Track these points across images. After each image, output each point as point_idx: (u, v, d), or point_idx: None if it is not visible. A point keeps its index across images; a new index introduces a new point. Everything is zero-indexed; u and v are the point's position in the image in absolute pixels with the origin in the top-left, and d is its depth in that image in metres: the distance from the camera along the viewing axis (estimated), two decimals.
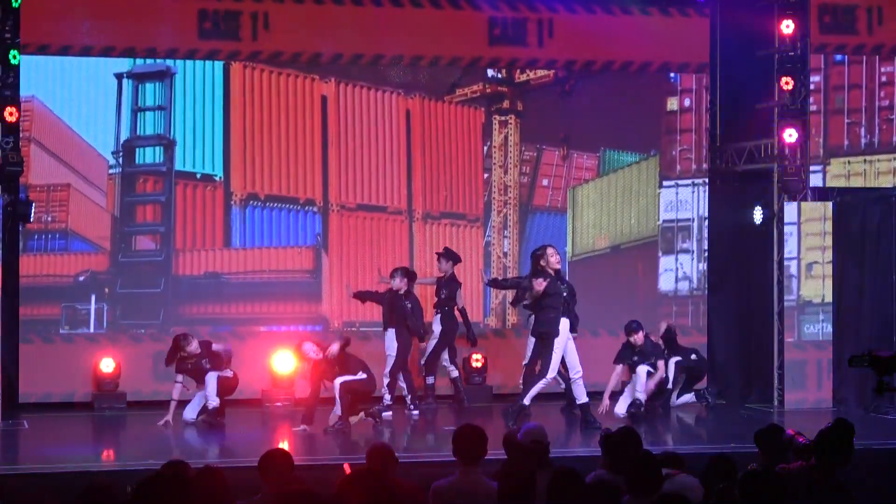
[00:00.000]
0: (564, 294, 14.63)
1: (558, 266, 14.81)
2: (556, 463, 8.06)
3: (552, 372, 14.42)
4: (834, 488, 7.66)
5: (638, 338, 15.47)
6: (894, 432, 14.42)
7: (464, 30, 17.05)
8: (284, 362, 16.16)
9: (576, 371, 14.64)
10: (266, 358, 16.30)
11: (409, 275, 15.77)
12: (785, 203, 16.43)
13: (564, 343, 14.44)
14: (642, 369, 15.31)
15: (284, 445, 13.85)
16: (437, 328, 16.11)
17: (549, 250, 14.74)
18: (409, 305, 15.52)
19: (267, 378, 16.33)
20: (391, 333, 15.53)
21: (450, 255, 16.23)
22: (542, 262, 14.60)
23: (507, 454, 8.58)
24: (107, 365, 15.94)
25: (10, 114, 14.86)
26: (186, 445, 14.04)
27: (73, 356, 16.03)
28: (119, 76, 16.38)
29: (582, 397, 14.60)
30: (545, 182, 17.57)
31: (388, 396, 15.41)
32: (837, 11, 16.45)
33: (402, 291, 15.54)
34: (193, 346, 14.81)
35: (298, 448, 13.64)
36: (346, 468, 11.77)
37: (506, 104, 17.47)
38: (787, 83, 16.14)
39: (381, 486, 4.97)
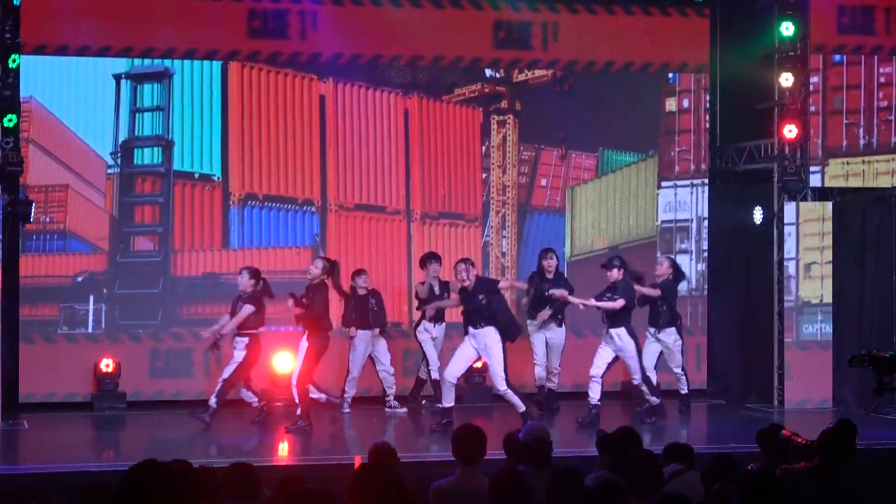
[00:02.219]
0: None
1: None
2: (557, 463, 8.04)
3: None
4: (839, 488, 7.65)
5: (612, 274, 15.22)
6: (894, 432, 14.42)
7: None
8: (284, 362, 16.17)
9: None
10: (266, 358, 16.28)
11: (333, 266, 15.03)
12: (785, 203, 16.43)
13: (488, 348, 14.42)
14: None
15: (284, 446, 13.89)
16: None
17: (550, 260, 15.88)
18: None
19: (267, 378, 16.32)
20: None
21: (433, 257, 16.17)
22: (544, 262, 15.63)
23: (506, 455, 8.56)
24: (106, 365, 15.94)
25: (10, 120, 14.84)
26: (186, 445, 14.01)
27: (73, 356, 16.02)
28: (117, 77, 16.35)
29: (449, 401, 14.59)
30: (543, 182, 17.56)
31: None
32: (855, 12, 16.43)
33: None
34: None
35: (299, 448, 13.65)
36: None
37: (504, 104, 17.47)
38: (786, 79, 16.15)
39: (391, 481, 4.97)
